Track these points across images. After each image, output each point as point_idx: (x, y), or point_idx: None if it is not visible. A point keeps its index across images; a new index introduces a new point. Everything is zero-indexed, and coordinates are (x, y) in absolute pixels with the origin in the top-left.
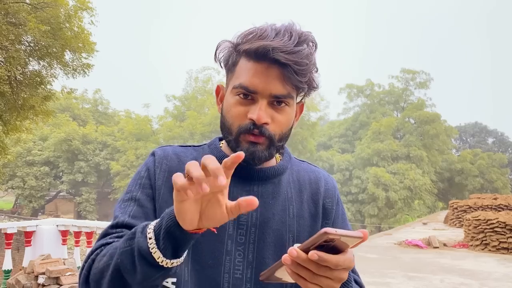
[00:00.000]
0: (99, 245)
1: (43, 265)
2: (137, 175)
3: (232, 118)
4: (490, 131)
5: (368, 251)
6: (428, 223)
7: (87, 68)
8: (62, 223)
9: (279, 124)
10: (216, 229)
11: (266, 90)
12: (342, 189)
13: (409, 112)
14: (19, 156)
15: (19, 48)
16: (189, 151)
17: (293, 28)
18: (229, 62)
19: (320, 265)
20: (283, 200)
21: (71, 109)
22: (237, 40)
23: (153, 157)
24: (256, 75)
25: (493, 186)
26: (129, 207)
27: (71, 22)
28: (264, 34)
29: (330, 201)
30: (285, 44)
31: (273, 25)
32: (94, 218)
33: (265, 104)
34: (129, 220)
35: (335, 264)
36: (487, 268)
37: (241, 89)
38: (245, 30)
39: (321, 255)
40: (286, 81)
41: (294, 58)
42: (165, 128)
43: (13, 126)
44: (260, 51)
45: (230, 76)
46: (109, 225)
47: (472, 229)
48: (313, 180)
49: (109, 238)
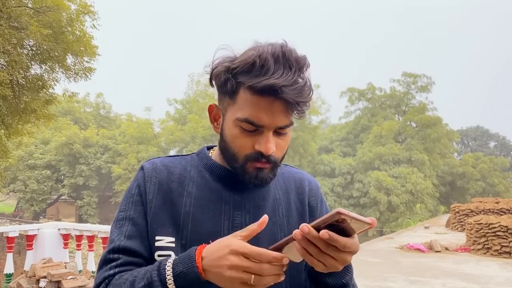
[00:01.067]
0: (102, 278)
1: (45, 269)
2: (128, 193)
3: (238, 148)
4: (492, 135)
5: (369, 255)
6: (429, 227)
7: (89, 72)
8: (64, 227)
9: (281, 149)
10: (211, 233)
11: (272, 124)
12: (344, 193)
13: (410, 116)
14: (20, 160)
15: (21, 52)
16: (177, 160)
17: (290, 54)
18: (227, 87)
19: (328, 244)
20: (272, 201)
21: (72, 113)
22: (235, 66)
23: (142, 171)
24: (262, 111)
25: (495, 190)
26: (124, 226)
27: (73, 26)
28: (266, 68)
29: (315, 199)
30: (289, 80)
31: (269, 48)
32: (95, 221)
33: (271, 135)
34: (125, 243)
35: (343, 246)
36: (489, 272)
37: (247, 123)
38: (243, 56)
39: (331, 235)
40: (290, 112)
41: (299, 93)
42: (167, 132)
43: (15, 130)
44: (266, 90)
45: (230, 103)
46: (107, 249)
47: (474, 233)
48: (297, 182)
49: (109, 269)
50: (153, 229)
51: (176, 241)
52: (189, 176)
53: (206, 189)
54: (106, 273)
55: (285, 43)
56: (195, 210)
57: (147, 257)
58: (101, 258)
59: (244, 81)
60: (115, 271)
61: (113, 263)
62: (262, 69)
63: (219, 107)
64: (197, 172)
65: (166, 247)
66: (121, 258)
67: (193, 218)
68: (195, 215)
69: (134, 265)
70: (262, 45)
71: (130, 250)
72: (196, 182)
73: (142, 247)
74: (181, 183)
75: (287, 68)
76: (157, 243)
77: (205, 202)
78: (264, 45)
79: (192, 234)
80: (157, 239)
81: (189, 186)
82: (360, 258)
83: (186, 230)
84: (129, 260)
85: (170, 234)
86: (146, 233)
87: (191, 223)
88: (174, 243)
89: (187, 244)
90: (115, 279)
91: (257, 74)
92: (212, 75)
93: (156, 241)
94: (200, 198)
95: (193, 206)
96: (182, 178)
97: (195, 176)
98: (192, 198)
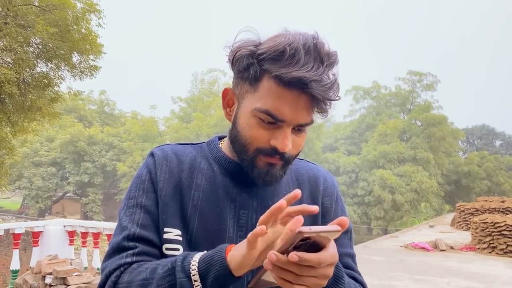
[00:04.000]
0: (117, 265)
1: (50, 265)
2: (138, 179)
3: (251, 139)
4: (497, 133)
5: (374, 254)
6: (434, 226)
7: (94, 70)
8: (69, 224)
9: (297, 147)
10: (217, 231)
11: (294, 120)
12: (348, 191)
13: (415, 114)
14: (26, 157)
15: (27, 50)
16: (187, 149)
17: (321, 47)
18: (249, 73)
19: (302, 265)
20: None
21: (77, 110)
22: (261, 51)
23: (152, 158)
24: (286, 104)
25: (500, 188)
26: (136, 214)
27: (79, 24)
28: (297, 58)
29: (329, 199)
30: (318, 74)
31: (300, 38)
32: (100, 219)
33: (289, 132)
34: (140, 231)
35: (318, 263)
36: (494, 272)
37: (267, 115)
38: (271, 42)
39: (301, 256)
40: (313, 109)
41: (328, 90)
42: (172, 130)
43: (20, 127)
44: (294, 82)
45: (249, 90)
46: (121, 236)
47: (480, 232)
48: (311, 178)
49: (126, 257)
50: (163, 220)
51: (183, 234)
52: (199, 167)
53: (214, 183)
54: (122, 260)
55: (317, 35)
56: (202, 204)
57: (161, 249)
58: (112, 245)
59: (270, 69)
60: (132, 260)
61: (129, 251)
62: (292, 59)
63: (235, 92)
64: (207, 164)
65: (174, 240)
66: (138, 247)
67: (200, 212)
68: (202, 210)
69: (151, 256)
70: (292, 33)
71: (147, 239)
72: (205, 175)
73: (157, 237)
74: (191, 174)
75: (317, 62)
76: (165, 235)
77: (212, 197)
78: (294, 33)
79: (198, 229)
80: (165, 230)
81: (198, 178)
82: (365, 256)
83: (192, 224)
84: (146, 250)
85: (178, 226)
86: (158, 223)
87: (198, 218)
88: (181, 237)
89: (192, 239)
90: (132, 268)
91: (286, 63)
92: (233, 58)
93: (165, 233)
94: (209, 192)
95: (201, 200)
96: (192, 169)
97: (204, 168)
98: (200, 192)
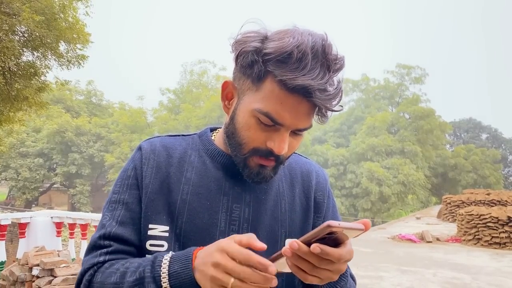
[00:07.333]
0: (91, 264)
1: (38, 257)
2: (124, 174)
3: (247, 139)
4: (484, 127)
5: (361, 245)
6: (421, 218)
7: (82, 59)
8: (57, 215)
9: (292, 149)
10: (208, 225)
11: (293, 124)
12: (336, 183)
13: (404, 107)
14: (12, 148)
15: (13, 38)
16: (178, 141)
17: (329, 51)
18: (253, 71)
19: (321, 258)
20: (275, 195)
21: (64, 101)
22: (268, 51)
23: (139, 152)
24: (287, 109)
25: (486, 181)
26: (117, 210)
27: (66, 12)
28: (303, 64)
29: (321, 194)
30: (323, 83)
31: (309, 39)
32: (88, 210)
33: (287, 135)
34: (117, 229)
35: (338, 258)
36: (479, 263)
37: (267, 118)
38: (279, 42)
39: (324, 249)
40: (313, 115)
41: (331, 99)
42: (160, 121)
43: (6, 117)
44: (298, 89)
45: (251, 88)
46: (98, 234)
47: (465, 224)
48: (304, 173)
49: (99, 256)
50: (147, 216)
51: (170, 230)
52: (189, 160)
53: (205, 177)
54: (95, 259)
55: (326, 37)
56: (192, 198)
57: (139, 246)
58: (90, 242)
59: (275, 72)
60: (105, 259)
61: (103, 250)
62: (299, 64)
63: (235, 86)
64: (198, 157)
65: (159, 236)
66: (113, 245)
67: (190, 207)
68: (191, 204)
69: (125, 254)
70: (301, 32)
71: (122, 238)
72: (196, 168)
73: (134, 235)
74: (180, 167)
75: (324, 68)
76: (150, 232)
77: (203, 190)
78: (303, 32)
79: (187, 224)
80: (150, 227)
81: (188, 172)
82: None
83: (181, 219)
84: (120, 248)
85: (164, 222)
86: (139, 220)
87: (187, 212)
88: (168, 232)
89: (181, 234)
90: (104, 267)
91: (292, 68)
92: (238, 52)
93: (149, 230)
94: (199, 186)
95: (191, 194)
96: (182, 163)
97: (195, 161)
98: (190, 186)
